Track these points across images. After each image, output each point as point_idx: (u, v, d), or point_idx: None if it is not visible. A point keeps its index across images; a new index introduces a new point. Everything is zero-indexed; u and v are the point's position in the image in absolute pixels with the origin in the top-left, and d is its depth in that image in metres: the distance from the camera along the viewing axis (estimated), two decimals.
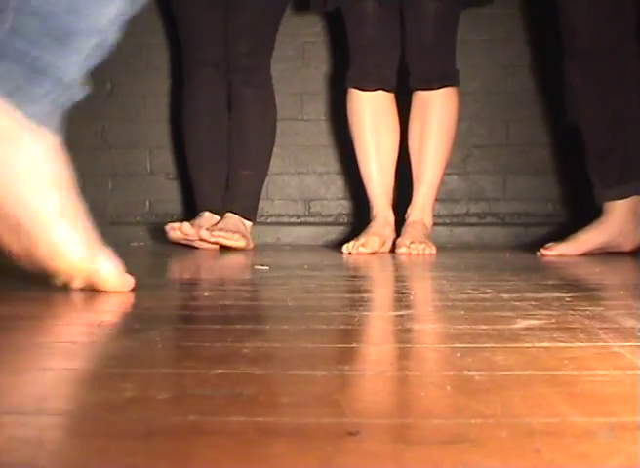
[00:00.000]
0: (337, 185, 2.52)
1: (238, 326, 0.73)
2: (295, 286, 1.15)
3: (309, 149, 2.52)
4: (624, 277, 1.25)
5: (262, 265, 1.47)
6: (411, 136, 2.10)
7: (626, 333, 0.65)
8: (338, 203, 2.52)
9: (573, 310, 0.81)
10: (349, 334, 0.69)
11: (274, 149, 2.52)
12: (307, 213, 2.53)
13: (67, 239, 0.89)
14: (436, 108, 2.06)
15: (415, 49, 2.06)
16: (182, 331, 0.69)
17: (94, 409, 0.41)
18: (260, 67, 2.23)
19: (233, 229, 2.10)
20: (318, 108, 2.52)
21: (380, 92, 2.10)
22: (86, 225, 0.92)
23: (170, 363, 0.54)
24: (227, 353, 0.58)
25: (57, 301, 0.92)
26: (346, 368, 0.53)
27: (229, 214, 2.18)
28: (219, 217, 2.20)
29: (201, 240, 2.06)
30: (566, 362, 0.54)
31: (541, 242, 1.95)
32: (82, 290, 0.91)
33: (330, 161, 2.51)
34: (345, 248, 1.95)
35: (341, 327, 0.74)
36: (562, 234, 1.93)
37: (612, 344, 0.60)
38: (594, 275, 1.33)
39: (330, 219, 2.52)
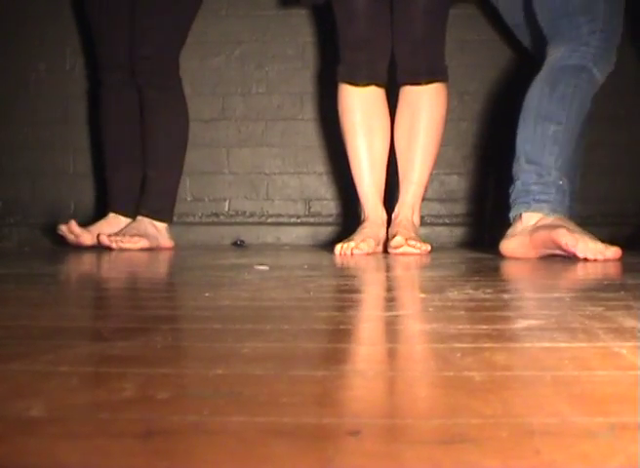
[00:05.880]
0: (337, 185, 2.51)
1: (238, 326, 0.73)
2: (294, 286, 1.15)
3: (309, 149, 2.52)
4: (624, 277, 1.25)
5: (262, 265, 1.47)
6: (398, 132, 2.05)
7: (626, 333, 0.65)
8: (338, 203, 2.52)
9: (573, 310, 0.80)
10: (349, 334, 0.69)
11: (273, 149, 2.52)
12: (307, 213, 2.53)
13: None
14: (425, 104, 2.01)
15: (404, 43, 2.03)
16: (182, 331, 0.69)
17: (94, 409, 0.41)
18: (165, 70, 2.23)
19: (135, 232, 2.16)
20: (318, 108, 2.51)
21: (372, 87, 2.06)
22: None
23: (170, 363, 0.53)
24: (227, 353, 0.58)
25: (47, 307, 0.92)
26: (346, 368, 0.53)
27: (139, 218, 2.24)
28: (126, 219, 2.26)
29: (99, 244, 2.12)
30: (566, 362, 0.54)
31: None
32: None
33: (330, 161, 2.51)
34: (338, 248, 1.88)
35: (341, 327, 0.74)
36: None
37: (612, 344, 0.60)
38: (594, 275, 1.33)
39: (330, 219, 2.51)
